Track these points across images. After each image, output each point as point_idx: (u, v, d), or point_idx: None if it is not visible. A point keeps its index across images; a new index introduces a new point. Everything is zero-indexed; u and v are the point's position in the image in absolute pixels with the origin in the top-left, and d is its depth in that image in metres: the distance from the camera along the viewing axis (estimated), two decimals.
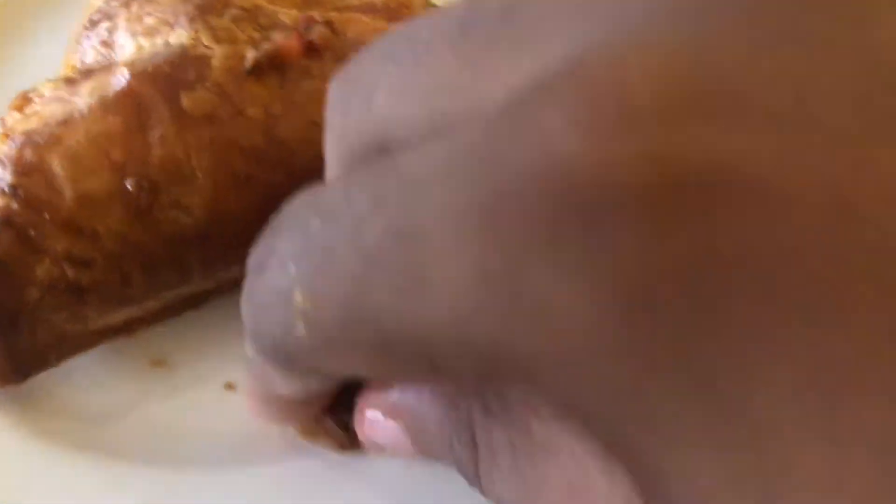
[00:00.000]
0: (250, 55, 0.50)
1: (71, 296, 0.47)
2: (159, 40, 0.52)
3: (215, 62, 0.50)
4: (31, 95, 0.54)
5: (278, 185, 0.49)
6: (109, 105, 0.48)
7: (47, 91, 0.51)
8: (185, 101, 0.48)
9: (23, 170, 0.47)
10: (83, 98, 0.49)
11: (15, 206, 0.46)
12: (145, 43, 0.52)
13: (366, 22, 0.54)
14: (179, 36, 0.51)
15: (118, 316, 0.51)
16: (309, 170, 0.50)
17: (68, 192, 0.47)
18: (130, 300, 0.49)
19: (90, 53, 0.54)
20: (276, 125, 0.49)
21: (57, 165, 0.47)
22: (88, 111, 0.48)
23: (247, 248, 0.54)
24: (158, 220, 0.48)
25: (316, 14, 0.53)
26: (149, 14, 0.53)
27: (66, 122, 0.48)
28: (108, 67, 0.51)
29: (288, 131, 0.49)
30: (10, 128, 0.50)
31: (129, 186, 0.47)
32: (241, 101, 0.49)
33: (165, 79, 0.49)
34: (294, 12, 0.55)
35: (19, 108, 0.53)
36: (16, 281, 0.46)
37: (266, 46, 0.50)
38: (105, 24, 0.54)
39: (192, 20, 0.51)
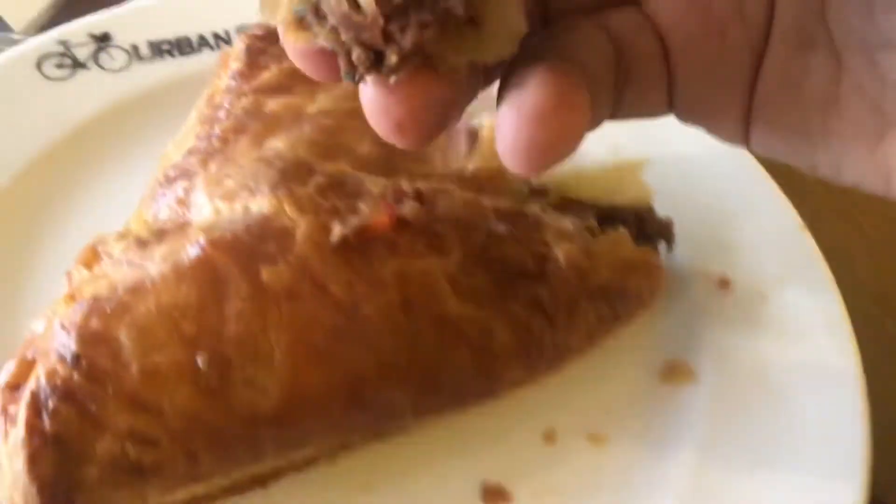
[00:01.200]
0: (337, 230, 0.47)
1: (132, 475, 0.43)
2: (238, 205, 0.49)
3: (299, 235, 0.47)
4: (99, 250, 0.51)
5: (361, 365, 0.46)
6: (183, 274, 0.45)
7: (117, 250, 0.49)
8: (265, 275, 0.45)
9: (88, 339, 0.44)
10: (155, 264, 0.46)
11: (77, 377, 0.43)
12: (223, 207, 0.49)
13: (456, 194, 0.52)
14: (261, 203, 0.48)
15: (180, 494, 0.46)
16: (394, 352, 0.47)
17: (134, 366, 0.43)
18: (196, 479, 0.45)
19: (164, 210, 0.52)
20: (359, 304, 0.46)
21: (124, 336, 0.44)
22: (160, 279, 0.45)
23: (325, 428, 0.51)
24: (231, 398, 0.44)
25: (404, 183, 0.51)
26: (228, 176, 0.50)
27: (136, 289, 0.45)
28: (182, 230, 0.49)
29: (372, 311, 0.46)
30: (77, 288, 0.47)
31: (199, 362, 0.44)
32: (324, 277, 0.46)
33: (245, 249, 0.46)
34: (381, 180, 0.52)
35: (87, 265, 0.50)
36: (74, 458, 0.42)
37: (354, 221, 0.47)
38: (182, 184, 0.51)
39: (274, 187, 0.49)
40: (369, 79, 0.27)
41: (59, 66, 0.66)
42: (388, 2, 0.26)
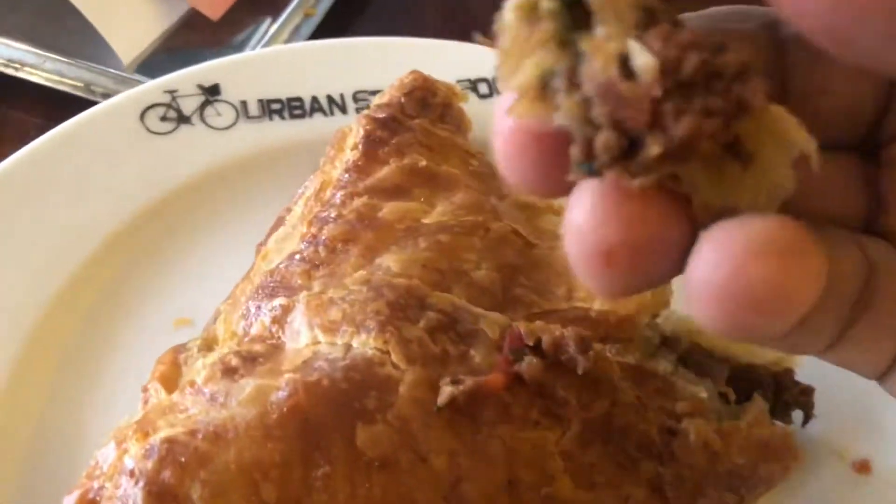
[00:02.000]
0: (447, 390, 0.41)
1: None
2: (340, 341, 0.44)
3: (403, 390, 0.42)
4: (181, 360, 0.47)
5: None
6: (272, 426, 0.40)
7: (203, 374, 0.44)
8: (361, 436, 0.40)
9: (156, 494, 0.39)
10: (242, 407, 0.41)
11: None
12: (323, 338, 0.44)
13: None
14: (365, 342, 0.43)
15: None
16: None
17: None
18: None
19: (257, 326, 0.47)
20: (461, 482, 0.41)
21: (197, 496, 0.39)
22: (245, 428, 0.40)
23: None
24: None
25: (522, 325, 0.45)
26: (333, 303, 0.45)
27: (218, 437, 0.40)
28: (275, 360, 0.44)
29: (474, 491, 0.41)
30: (152, 421, 0.42)
31: None
32: (426, 444, 0.41)
33: (341, 400, 0.41)
34: (496, 317, 0.47)
35: (166, 383, 0.46)
36: None
37: (467, 381, 0.42)
38: (281, 300, 0.46)
39: (382, 325, 0.43)
40: (608, 174, 0.21)
41: (164, 118, 0.62)
42: (673, 72, 0.20)
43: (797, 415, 0.52)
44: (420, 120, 0.56)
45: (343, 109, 0.63)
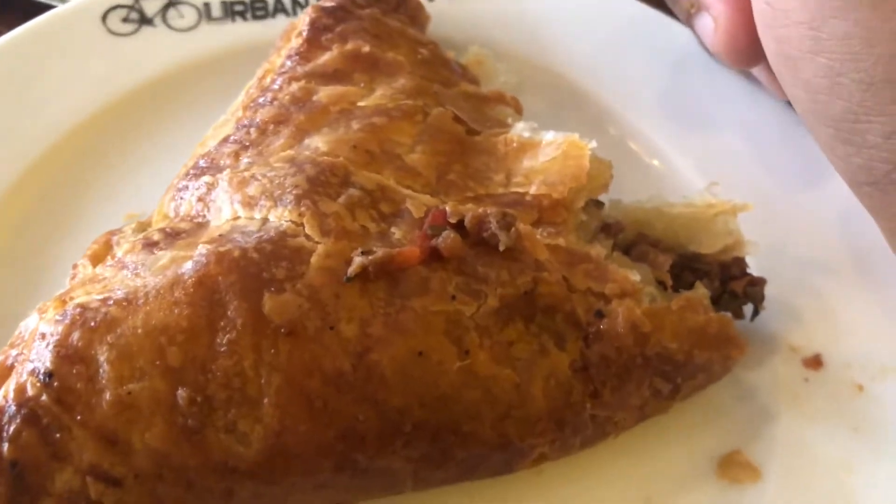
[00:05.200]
0: (357, 259, 0.41)
1: None
2: (258, 215, 0.43)
3: (315, 259, 0.41)
4: (114, 241, 0.47)
5: (359, 424, 0.40)
6: (180, 292, 0.40)
7: (125, 247, 0.44)
8: (268, 304, 0.40)
9: (65, 355, 0.39)
10: (155, 275, 0.41)
11: (45, 399, 0.39)
12: (243, 213, 0.44)
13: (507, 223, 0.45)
14: (281, 215, 0.43)
15: None
16: (401, 412, 0.41)
17: (109, 393, 0.39)
18: None
19: (184, 206, 0.46)
20: (371, 349, 0.40)
21: (104, 357, 0.39)
22: (155, 294, 0.40)
23: (310, 489, 0.45)
24: (208, 443, 0.39)
25: (450, 207, 0.44)
26: (255, 178, 0.45)
27: (129, 302, 0.40)
28: (196, 236, 0.44)
29: (385, 359, 0.40)
30: (73, 289, 0.43)
31: (179, 399, 0.39)
32: (336, 313, 0.40)
33: (251, 269, 0.40)
34: (426, 198, 0.46)
35: (95, 259, 0.46)
36: (29, 488, 0.38)
37: (377, 250, 0.41)
38: (207, 178, 0.46)
39: (299, 198, 0.43)
40: None
41: (126, 20, 0.61)
42: None
43: (753, 313, 0.50)
44: (371, 10, 0.55)
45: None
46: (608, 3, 0.64)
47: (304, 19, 0.54)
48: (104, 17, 0.61)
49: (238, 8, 0.63)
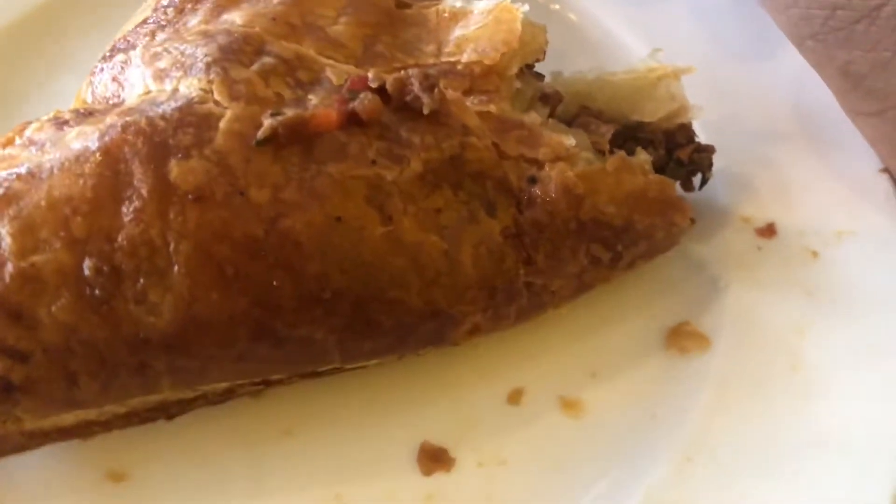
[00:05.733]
0: (267, 122, 0.39)
1: None
2: (169, 86, 0.41)
3: (223, 124, 0.39)
4: (27, 128, 0.45)
5: (274, 291, 0.38)
6: (84, 162, 0.38)
7: (34, 126, 0.42)
8: (175, 170, 0.38)
9: None
10: (60, 149, 0.39)
11: None
12: (154, 87, 0.42)
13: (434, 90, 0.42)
14: (191, 85, 0.41)
15: (67, 418, 0.41)
16: (318, 279, 0.39)
17: (11, 266, 0.37)
18: (78, 404, 0.39)
19: (100, 88, 0.45)
20: (284, 215, 0.38)
21: (5, 231, 0.37)
22: (59, 167, 0.38)
23: (228, 360, 0.44)
24: (118, 315, 0.37)
25: (372, 73, 0.42)
26: (167, 52, 0.43)
27: (32, 175, 0.39)
28: (107, 113, 0.42)
29: (299, 224, 0.38)
30: None
31: (86, 270, 0.37)
32: (245, 178, 0.38)
33: (157, 138, 0.39)
34: (349, 67, 0.44)
35: (8, 143, 0.44)
36: None
37: (289, 113, 0.39)
38: (121, 57, 0.44)
39: (209, 66, 0.41)
40: None
41: None
42: None
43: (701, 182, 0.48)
44: None
45: None
46: None
47: None
48: None
49: None
